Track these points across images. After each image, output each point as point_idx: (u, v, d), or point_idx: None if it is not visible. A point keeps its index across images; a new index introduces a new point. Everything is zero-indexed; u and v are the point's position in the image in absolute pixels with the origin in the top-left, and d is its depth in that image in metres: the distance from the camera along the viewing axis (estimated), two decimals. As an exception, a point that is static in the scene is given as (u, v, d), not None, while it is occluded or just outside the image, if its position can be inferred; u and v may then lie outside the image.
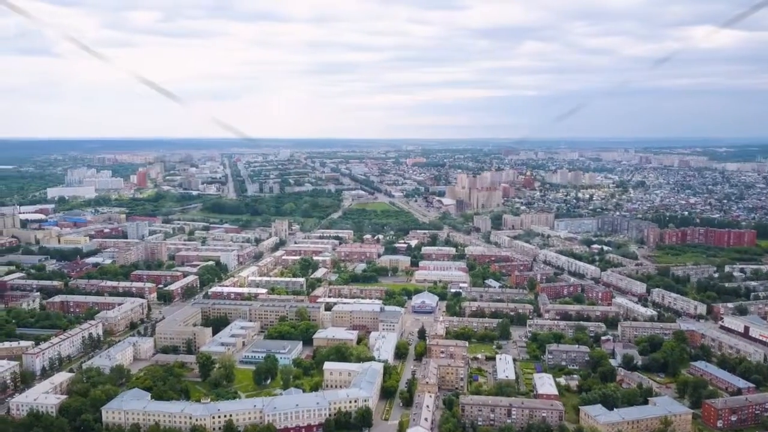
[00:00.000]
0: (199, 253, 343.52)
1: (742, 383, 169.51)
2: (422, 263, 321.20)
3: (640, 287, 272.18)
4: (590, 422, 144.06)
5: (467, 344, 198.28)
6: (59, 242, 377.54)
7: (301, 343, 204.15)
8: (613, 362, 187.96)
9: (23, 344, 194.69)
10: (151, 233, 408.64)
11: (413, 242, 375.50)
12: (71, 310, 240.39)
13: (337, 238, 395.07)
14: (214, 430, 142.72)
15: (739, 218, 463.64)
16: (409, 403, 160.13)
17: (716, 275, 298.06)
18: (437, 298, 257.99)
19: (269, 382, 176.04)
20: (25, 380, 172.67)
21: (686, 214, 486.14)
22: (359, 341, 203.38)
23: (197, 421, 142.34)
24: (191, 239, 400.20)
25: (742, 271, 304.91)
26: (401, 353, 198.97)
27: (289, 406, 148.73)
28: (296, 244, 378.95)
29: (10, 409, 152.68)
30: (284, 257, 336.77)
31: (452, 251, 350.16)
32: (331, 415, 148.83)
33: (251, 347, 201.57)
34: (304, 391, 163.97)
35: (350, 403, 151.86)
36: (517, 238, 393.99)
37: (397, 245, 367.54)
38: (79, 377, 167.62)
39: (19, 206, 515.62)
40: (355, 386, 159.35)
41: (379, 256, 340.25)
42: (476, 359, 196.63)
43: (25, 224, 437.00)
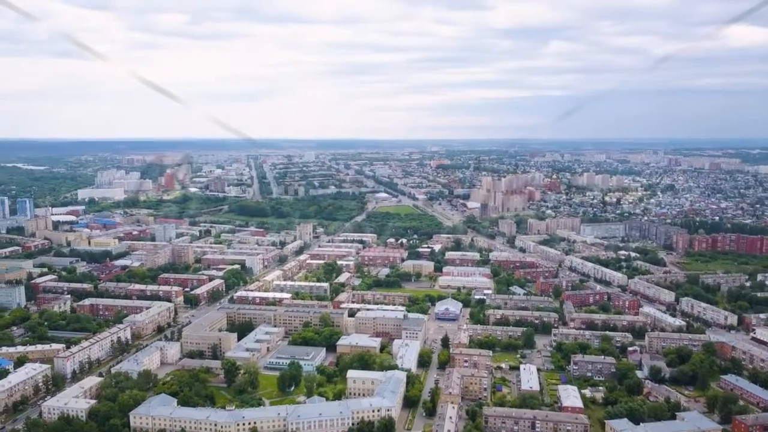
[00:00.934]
0: (224, 256, 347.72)
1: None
2: (446, 269, 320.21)
3: (668, 296, 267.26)
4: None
5: (491, 353, 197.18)
6: (89, 244, 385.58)
7: (324, 349, 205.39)
8: (639, 374, 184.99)
9: (55, 347, 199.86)
10: (178, 236, 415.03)
11: (437, 247, 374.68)
12: (101, 313, 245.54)
13: (360, 242, 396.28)
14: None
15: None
16: (432, 413, 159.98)
17: (748, 284, 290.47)
18: (461, 305, 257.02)
19: (293, 389, 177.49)
20: (56, 383, 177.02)
21: (717, 219, 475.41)
22: (382, 349, 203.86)
23: (222, 428, 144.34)
24: (217, 242, 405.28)
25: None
26: (424, 361, 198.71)
27: (312, 414, 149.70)
28: (320, 247, 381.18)
29: (42, 412, 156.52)
30: (308, 261, 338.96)
31: (476, 256, 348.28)
32: (353, 424, 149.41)
33: (275, 353, 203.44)
34: (327, 399, 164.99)
35: (373, 412, 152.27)
36: (542, 243, 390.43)
37: (420, 249, 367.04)
38: (108, 382, 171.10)
39: (51, 207, 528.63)
40: (378, 395, 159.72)
41: (402, 260, 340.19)
42: (500, 369, 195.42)
43: (57, 226, 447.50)
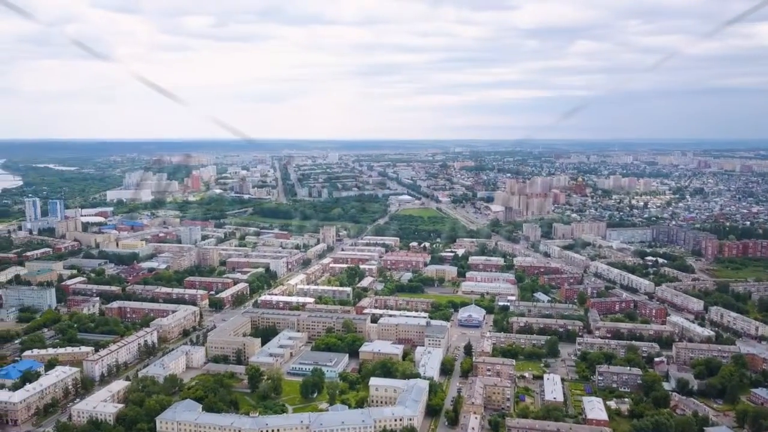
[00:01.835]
0: (249, 259, 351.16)
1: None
2: (469, 274, 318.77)
3: (696, 304, 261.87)
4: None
5: (514, 362, 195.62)
6: (117, 246, 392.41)
7: (347, 355, 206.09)
8: (666, 386, 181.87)
9: (84, 350, 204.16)
10: (203, 238, 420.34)
11: (460, 251, 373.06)
12: (128, 316, 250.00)
13: (383, 245, 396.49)
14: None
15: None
16: (454, 422, 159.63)
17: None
18: (484, 311, 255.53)
19: (316, 395, 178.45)
20: (85, 386, 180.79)
21: (748, 224, 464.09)
22: (405, 356, 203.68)
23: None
24: (242, 244, 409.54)
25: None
26: (447, 369, 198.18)
27: (335, 423, 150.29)
28: (343, 251, 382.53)
29: (71, 415, 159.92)
30: (331, 265, 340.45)
31: (500, 261, 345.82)
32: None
33: (299, 359, 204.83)
34: (349, 406, 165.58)
35: (395, 421, 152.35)
36: (567, 248, 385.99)
37: (443, 254, 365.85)
38: (135, 386, 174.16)
39: (81, 209, 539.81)
40: (400, 404, 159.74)
41: (425, 265, 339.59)
42: (523, 378, 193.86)
43: (86, 227, 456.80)
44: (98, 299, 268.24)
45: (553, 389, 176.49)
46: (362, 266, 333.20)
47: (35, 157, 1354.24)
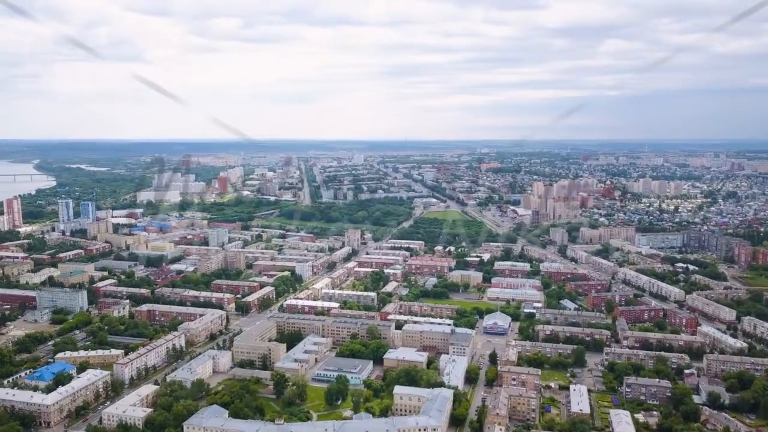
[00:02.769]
0: (275, 262, 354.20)
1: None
2: (495, 280, 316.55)
3: (729, 314, 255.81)
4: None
5: (539, 372, 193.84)
6: (147, 248, 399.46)
7: (371, 362, 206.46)
8: (697, 399, 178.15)
9: (114, 352, 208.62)
10: (230, 240, 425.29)
11: (486, 256, 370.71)
12: (157, 318, 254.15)
13: (408, 249, 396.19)
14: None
15: None
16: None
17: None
18: (509, 319, 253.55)
19: (340, 402, 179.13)
20: (115, 389, 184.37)
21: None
22: (429, 363, 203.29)
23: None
24: (268, 247, 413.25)
25: None
26: (471, 378, 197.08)
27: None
28: (368, 255, 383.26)
29: (102, 418, 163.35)
30: (356, 269, 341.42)
31: (526, 267, 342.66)
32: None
33: (323, 365, 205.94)
34: (373, 414, 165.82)
35: (419, 431, 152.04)
36: (594, 253, 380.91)
37: (468, 259, 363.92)
38: (163, 390, 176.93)
39: (112, 210, 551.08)
40: (424, 414, 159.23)
41: (450, 269, 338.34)
42: (549, 388, 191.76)
43: (117, 229, 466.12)
44: (128, 302, 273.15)
45: (579, 401, 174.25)
46: (387, 270, 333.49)
47: (68, 157, 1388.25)
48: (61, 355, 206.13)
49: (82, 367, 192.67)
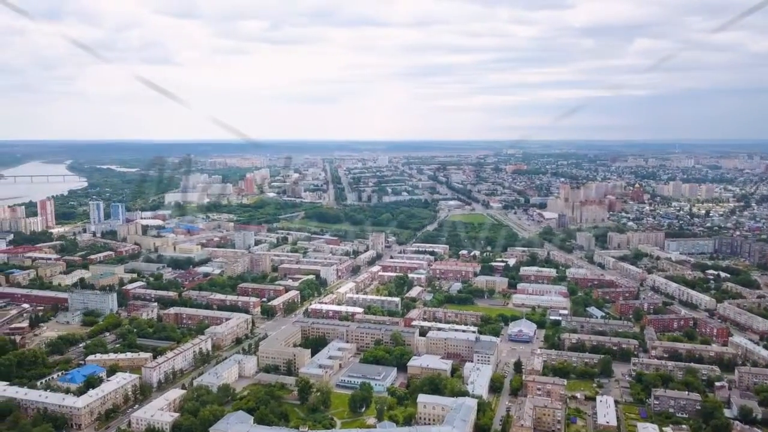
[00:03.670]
0: (300, 266, 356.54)
1: None
2: (520, 285, 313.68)
3: (762, 324, 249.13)
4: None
5: (565, 382, 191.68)
6: (174, 250, 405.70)
7: (395, 369, 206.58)
8: (728, 413, 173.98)
9: (142, 356, 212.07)
10: (256, 242, 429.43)
11: (511, 261, 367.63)
12: (184, 322, 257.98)
13: (432, 253, 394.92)
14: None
15: None
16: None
17: None
18: (535, 326, 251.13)
19: (364, 410, 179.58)
20: (143, 392, 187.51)
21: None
22: (453, 372, 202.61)
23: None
24: (293, 250, 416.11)
25: None
26: (496, 387, 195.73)
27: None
28: (392, 258, 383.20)
29: (131, 422, 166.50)
30: (380, 273, 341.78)
31: (552, 273, 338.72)
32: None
33: (347, 371, 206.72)
34: (397, 423, 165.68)
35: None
36: (622, 259, 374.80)
37: (494, 263, 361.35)
38: (190, 395, 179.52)
39: (141, 212, 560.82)
40: (448, 423, 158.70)
41: (475, 275, 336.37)
42: (574, 398, 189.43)
43: (145, 230, 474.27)
44: (156, 304, 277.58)
45: (606, 412, 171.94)
46: (411, 275, 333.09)
47: (99, 158, 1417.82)
48: (91, 357, 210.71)
49: (111, 370, 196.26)
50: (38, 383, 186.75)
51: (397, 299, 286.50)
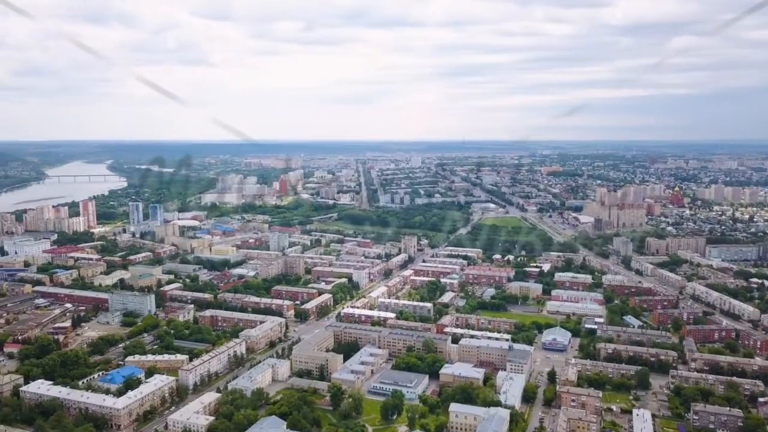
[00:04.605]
0: (333, 269, 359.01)
1: None
2: (555, 292, 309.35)
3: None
4: None
5: (601, 394, 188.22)
6: (210, 251, 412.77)
7: (427, 377, 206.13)
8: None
9: (179, 358, 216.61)
10: (290, 244, 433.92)
11: (546, 266, 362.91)
12: (219, 324, 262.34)
13: (465, 257, 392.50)
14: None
15: None
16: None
17: None
18: (570, 335, 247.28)
19: (395, 417, 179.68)
20: (179, 395, 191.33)
21: None
22: (486, 380, 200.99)
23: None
24: (326, 252, 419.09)
25: None
26: (529, 397, 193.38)
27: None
28: (424, 262, 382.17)
29: (168, 424, 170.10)
30: (412, 277, 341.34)
31: (588, 279, 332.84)
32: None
33: (379, 377, 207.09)
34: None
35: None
36: (661, 265, 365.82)
37: (528, 269, 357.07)
38: (225, 398, 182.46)
39: (178, 213, 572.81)
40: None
41: (509, 280, 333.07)
42: (610, 411, 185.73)
43: (182, 231, 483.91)
44: (192, 306, 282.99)
45: (642, 426, 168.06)
46: (443, 280, 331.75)
47: (138, 158, 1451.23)
48: (130, 358, 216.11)
49: (149, 371, 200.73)
50: (80, 383, 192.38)
51: (429, 305, 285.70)
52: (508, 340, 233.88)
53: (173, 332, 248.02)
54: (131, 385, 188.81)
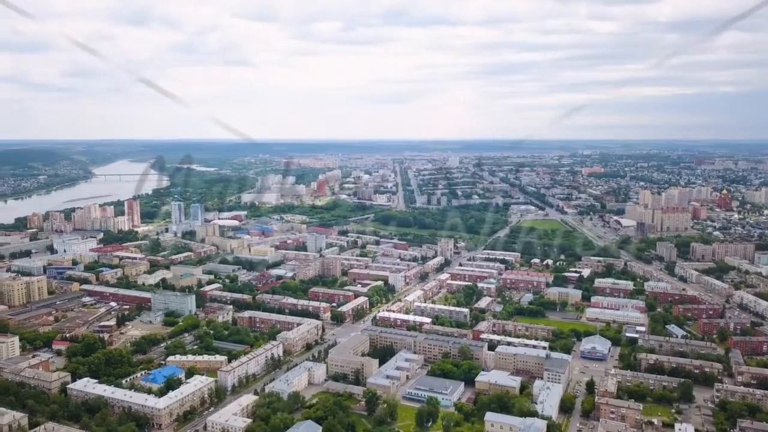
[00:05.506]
0: (369, 271, 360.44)
1: None
2: (594, 299, 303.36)
3: None
4: None
5: (641, 407, 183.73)
6: (249, 252, 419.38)
7: (462, 384, 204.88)
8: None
9: (218, 359, 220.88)
10: (327, 245, 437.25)
11: (585, 271, 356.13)
12: (257, 326, 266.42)
13: (502, 261, 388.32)
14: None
15: None
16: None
17: None
18: (609, 343, 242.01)
19: (430, 425, 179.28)
20: (218, 396, 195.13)
21: None
22: (522, 389, 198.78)
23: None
24: (363, 254, 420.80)
25: None
26: (566, 407, 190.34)
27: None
28: (461, 266, 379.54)
29: (207, 425, 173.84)
30: (449, 281, 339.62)
31: (629, 286, 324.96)
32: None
33: (414, 383, 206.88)
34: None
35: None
36: (706, 272, 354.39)
37: (567, 274, 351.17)
38: (262, 401, 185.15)
39: (219, 212, 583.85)
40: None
41: (547, 285, 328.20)
42: (651, 424, 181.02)
43: (222, 231, 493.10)
44: (231, 307, 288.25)
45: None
46: (480, 284, 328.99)
47: (178, 157, 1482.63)
48: (171, 358, 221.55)
49: (190, 372, 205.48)
50: (123, 382, 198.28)
51: (465, 310, 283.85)
52: (545, 347, 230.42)
53: (212, 333, 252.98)
54: (172, 385, 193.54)
